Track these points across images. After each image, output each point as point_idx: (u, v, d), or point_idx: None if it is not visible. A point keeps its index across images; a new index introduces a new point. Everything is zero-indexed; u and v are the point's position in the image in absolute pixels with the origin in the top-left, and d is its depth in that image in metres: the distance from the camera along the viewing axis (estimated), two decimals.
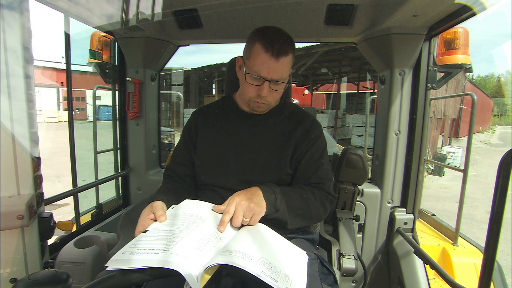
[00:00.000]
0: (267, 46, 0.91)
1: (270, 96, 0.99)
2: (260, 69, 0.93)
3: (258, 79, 0.96)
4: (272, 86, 0.96)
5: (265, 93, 0.96)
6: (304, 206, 0.98)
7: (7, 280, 0.97)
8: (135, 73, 1.89)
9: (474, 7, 1.15)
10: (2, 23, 0.90)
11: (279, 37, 0.94)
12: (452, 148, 9.82)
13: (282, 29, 0.98)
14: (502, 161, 0.59)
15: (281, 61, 0.92)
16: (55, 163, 7.62)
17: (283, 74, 0.96)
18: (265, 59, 0.92)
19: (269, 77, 0.94)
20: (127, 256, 0.65)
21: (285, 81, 0.98)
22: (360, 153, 1.56)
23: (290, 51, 0.94)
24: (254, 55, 0.94)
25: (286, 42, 0.94)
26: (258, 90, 0.97)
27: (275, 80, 0.95)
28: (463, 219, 1.70)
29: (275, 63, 0.92)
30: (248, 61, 0.97)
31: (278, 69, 0.93)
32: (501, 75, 42.51)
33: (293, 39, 0.98)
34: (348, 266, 1.24)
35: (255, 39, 0.94)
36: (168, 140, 5.70)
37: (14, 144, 0.95)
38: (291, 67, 0.99)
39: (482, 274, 0.66)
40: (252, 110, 1.08)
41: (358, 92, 18.77)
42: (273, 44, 0.91)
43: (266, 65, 0.92)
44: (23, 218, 0.96)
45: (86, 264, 1.43)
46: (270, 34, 0.94)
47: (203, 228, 0.77)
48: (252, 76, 0.96)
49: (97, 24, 1.58)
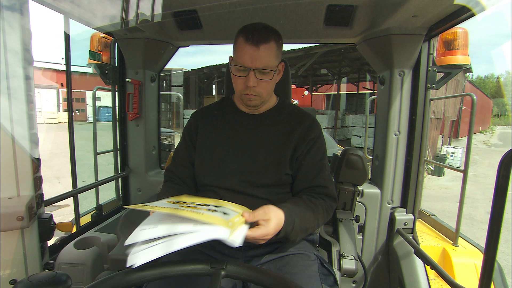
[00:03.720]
0: (247, 36, 0.94)
1: (259, 87, 0.99)
2: (243, 60, 0.96)
3: (243, 70, 0.97)
4: (258, 76, 0.97)
5: (251, 82, 0.97)
6: (314, 224, 0.99)
7: (7, 281, 0.97)
8: (135, 74, 1.89)
9: (473, 7, 1.16)
10: (3, 24, 0.90)
11: (259, 26, 0.97)
12: (452, 148, 9.82)
13: (264, 23, 1.00)
14: (502, 161, 0.59)
15: (262, 49, 0.94)
16: (55, 164, 7.62)
17: (267, 62, 0.96)
18: (247, 49, 0.94)
19: (253, 66, 0.95)
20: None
21: (272, 69, 0.98)
22: (360, 153, 1.55)
23: (271, 38, 0.95)
24: (237, 48, 0.98)
25: (266, 30, 0.96)
26: (246, 81, 0.98)
27: (259, 68, 0.96)
28: (463, 219, 1.70)
29: (256, 51, 0.94)
30: (234, 55, 1.01)
31: (260, 57, 0.94)
32: (501, 76, 42.51)
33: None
34: (348, 267, 1.24)
35: (238, 34, 0.98)
36: (168, 141, 5.70)
37: (14, 145, 0.95)
38: (277, 56, 0.99)
39: (483, 275, 0.66)
40: (246, 106, 1.09)
41: (358, 92, 18.80)
42: (253, 33, 0.94)
43: (248, 54, 0.94)
44: (23, 219, 0.96)
45: (86, 265, 1.43)
46: (250, 26, 0.97)
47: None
48: (237, 68, 0.98)
49: (97, 25, 1.58)
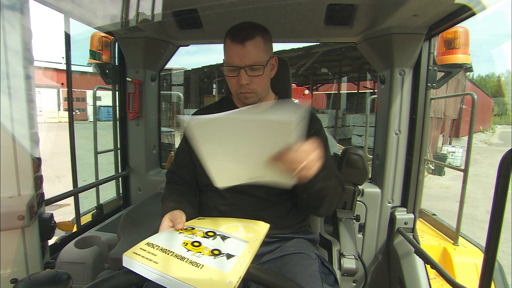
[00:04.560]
0: (233, 36, 0.96)
1: (252, 84, 1.00)
2: (232, 59, 0.98)
3: (234, 69, 0.99)
4: (249, 73, 0.98)
5: (243, 80, 0.98)
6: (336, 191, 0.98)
7: (7, 280, 0.97)
8: (135, 73, 1.89)
9: (474, 6, 1.15)
10: (3, 24, 0.90)
11: (244, 25, 0.98)
12: (453, 147, 9.81)
13: (250, 21, 1.02)
14: (502, 161, 0.59)
15: (248, 46, 0.95)
16: (56, 164, 7.62)
17: (255, 58, 0.97)
18: (234, 48, 0.96)
19: (242, 63, 0.97)
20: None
21: (262, 64, 0.99)
22: (360, 153, 1.56)
23: (256, 34, 0.96)
24: (226, 49, 1.00)
25: (250, 27, 0.98)
26: (238, 80, 1.00)
27: (249, 65, 0.97)
28: (464, 218, 1.70)
29: (242, 49, 0.95)
30: (224, 57, 1.02)
31: (248, 54, 0.96)
32: (501, 75, 42.43)
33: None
34: (348, 266, 1.24)
35: (225, 36, 1.00)
36: (169, 140, 5.70)
37: (14, 145, 0.95)
38: (266, 50, 1.00)
39: (483, 274, 0.66)
40: (244, 105, 1.09)
41: (358, 92, 18.75)
42: (238, 32, 0.96)
43: (236, 53, 0.96)
44: (24, 218, 0.96)
45: (87, 264, 1.44)
46: (235, 26, 0.99)
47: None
48: (229, 68, 1.00)
49: (97, 24, 1.58)
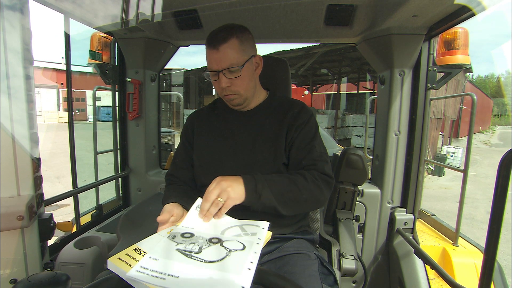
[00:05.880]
0: (208, 41, 0.99)
1: (233, 86, 1.02)
2: (211, 64, 1.01)
3: (214, 74, 1.02)
4: (228, 75, 1.00)
5: (223, 83, 1.00)
6: (294, 189, 0.94)
7: (7, 281, 0.97)
8: (135, 73, 1.89)
9: (474, 7, 1.15)
10: (3, 24, 0.90)
11: (219, 29, 0.99)
12: (452, 148, 9.80)
13: (227, 24, 1.03)
14: (502, 161, 0.59)
15: (222, 49, 0.97)
16: (55, 164, 7.62)
17: (231, 60, 0.98)
18: (211, 54, 0.99)
19: (219, 67, 0.99)
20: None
21: (239, 65, 0.99)
22: (360, 153, 1.55)
23: (228, 37, 0.97)
24: (206, 56, 1.02)
25: (224, 30, 0.98)
26: (220, 84, 1.02)
27: (225, 68, 0.98)
28: (463, 219, 1.70)
29: (217, 54, 0.97)
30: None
31: (223, 58, 0.97)
32: (501, 76, 42.45)
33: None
34: (348, 267, 1.24)
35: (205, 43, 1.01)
36: (168, 140, 5.69)
37: (14, 145, 0.95)
38: (242, 51, 1.00)
39: (483, 274, 0.66)
40: (232, 106, 1.11)
41: (358, 92, 18.76)
42: (212, 38, 0.98)
43: (213, 59, 0.99)
44: (23, 218, 0.96)
45: (86, 264, 1.44)
46: (213, 31, 1.00)
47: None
48: (210, 74, 1.03)
49: (97, 24, 1.58)
